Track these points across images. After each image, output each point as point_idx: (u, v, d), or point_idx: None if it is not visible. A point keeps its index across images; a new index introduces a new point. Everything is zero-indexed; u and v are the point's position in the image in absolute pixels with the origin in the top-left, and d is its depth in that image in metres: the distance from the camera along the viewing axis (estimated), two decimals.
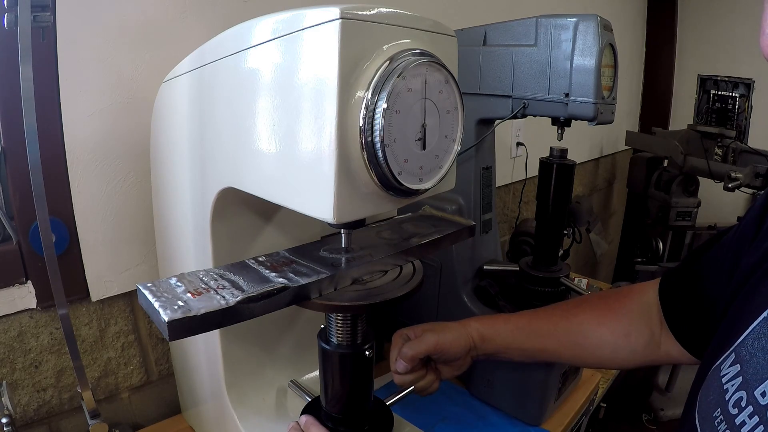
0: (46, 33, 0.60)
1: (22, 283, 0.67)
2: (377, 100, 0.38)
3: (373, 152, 0.39)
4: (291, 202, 0.43)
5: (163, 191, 0.66)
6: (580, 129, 0.80)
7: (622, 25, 2.14)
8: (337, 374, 0.55)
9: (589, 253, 2.00)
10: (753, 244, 0.49)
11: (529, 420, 0.81)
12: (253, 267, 0.47)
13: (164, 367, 0.86)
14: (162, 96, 0.63)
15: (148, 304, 0.39)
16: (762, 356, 0.41)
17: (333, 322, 0.54)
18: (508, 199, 1.59)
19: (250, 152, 0.46)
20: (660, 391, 1.97)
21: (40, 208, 0.55)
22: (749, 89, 2.16)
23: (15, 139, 0.63)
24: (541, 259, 0.84)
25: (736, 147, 1.85)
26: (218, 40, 0.50)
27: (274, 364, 0.70)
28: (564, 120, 0.73)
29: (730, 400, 0.42)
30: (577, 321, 0.67)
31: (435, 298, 0.90)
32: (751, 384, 0.41)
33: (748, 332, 0.43)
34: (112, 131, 0.71)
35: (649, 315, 0.64)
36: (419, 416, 0.79)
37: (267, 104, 0.43)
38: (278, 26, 0.41)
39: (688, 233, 2.06)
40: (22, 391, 0.70)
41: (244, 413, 0.63)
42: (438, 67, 0.42)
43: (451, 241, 0.60)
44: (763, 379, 0.40)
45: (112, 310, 0.78)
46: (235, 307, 0.40)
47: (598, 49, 0.66)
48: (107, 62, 0.69)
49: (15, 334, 0.68)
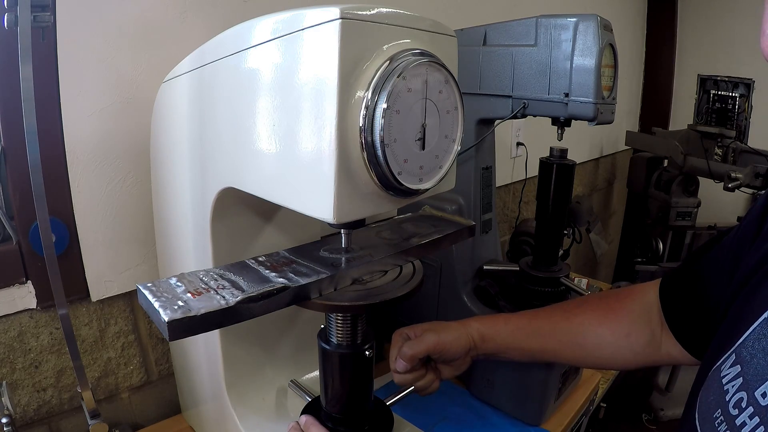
0: (46, 33, 0.60)
1: (22, 283, 0.67)
2: (377, 100, 0.38)
3: (373, 152, 0.39)
4: (291, 202, 0.43)
5: (163, 191, 0.66)
6: (580, 129, 0.80)
7: (622, 25, 2.14)
8: (337, 374, 0.55)
9: (589, 253, 2.00)
10: (753, 245, 0.49)
11: (529, 420, 0.81)
12: (253, 267, 0.47)
13: (164, 367, 0.86)
14: (162, 96, 0.63)
15: (148, 304, 0.39)
16: (762, 357, 0.41)
17: (333, 322, 0.54)
18: (508, 199, 1.59)
19: (250, 152, 0.46)
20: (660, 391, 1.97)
21: (40, 208, 0.55)
22: (749, 89, 2.16)
23: (15, 139, 0.63)
24: (541, 259, 0.84)
25: (736, 147, 1.85)
26: (218, 40, 0.50)
27: (274, 364, 0.70)
28: (564, 120, 0.73)
29: (730, 400, 0.42)
30: (578, 321, 0.67)
31: (435, 298, 0.90)
32: (752, 385, 0.40)
33: (748, 333, 0.43)
34: (112, 131, 0.71)
35: (649, 315, 0.64)
36: (419, 416, 0.79)
37: (267, 104, 0.43)
38: (278, 26, 0.41)
39: (688, 233, 2.05)
40: (22, 391, 0.70)
41: (244, 413, 0.63)
42: (438, 67, 0.42)
43: (451, 241, 0.60)
44: (764, 379, 0.40)
45: (112, 310, 0.78)
46: (235, 307, 0.40)
47: (598, 49, 0.66)
48: (107, 62, 0.69)
49: (15, 334, 0.68)
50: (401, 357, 0.62)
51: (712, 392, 0.45)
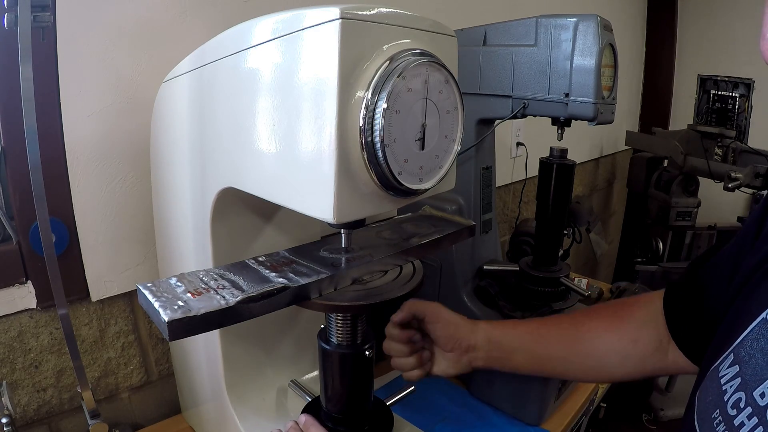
0: (46, 33, 0.60)
1: (22, 283, 0.67)
2: (377, 100, 0.38)
3: (373, 152, 0.39)
4: (291, 202, 0.43)
5: (163, 191, 0.66)
6: (580, 129, 0.80)
7: (622, 25, 2.14)
8: (337, 374, 0.55)
9: (589, 253, 2.00)
10: (754, 245, 0.49)
11: (529, 420, 0.81)
12: (253, 267, 0.47)
13: (164, 367, 0.86)
14: (162, 96, 0.63)
15: (148, 304, 0.39)
16: (761, 357, 0.40)
17: (333, 322, 0.54)
18: (508, 199, 1.59)
19: (250, 152, 0.46)
20: (660, 391, 1.97)
21: (40, 208, 0.55)
22: (749, 89, 2.16)
23: (15, 139, 0.63)
24: (541, 259, 0.84)
25: (736, 147, 1.85)
26: (218, 40, 0.50)
27: (274, 364, 0.70)
28: (564, 120, 0.73)
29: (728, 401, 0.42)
30: (585, 329, 0.66)
31: (435, 298, 0.90)
32: (750, 385, 0.40)
33: (746, 333, 0.43)
34: (112, 131, 0.71)
35: (656, 322, 0.63)
36: (419, 416, 0.79)
37: (267, 104, 0.43)
38: (278, 26, 0.41)
39: (688, 233, 2.05)
40: (22, 391, 0.70)
41: (244, 413, 0.63)
42: (438, 67, 0.42)
43: (451, 241, 0.60)
44: (762, 380, 0.39)
45: (112, 310, 0.78)
46: (235, 307, 0.40)
47: (598, 49, 0.66)
48: (107, 62, 0.69)
49: (15, 334, 0.68)
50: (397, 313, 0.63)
51: (711, 392, 0.44)
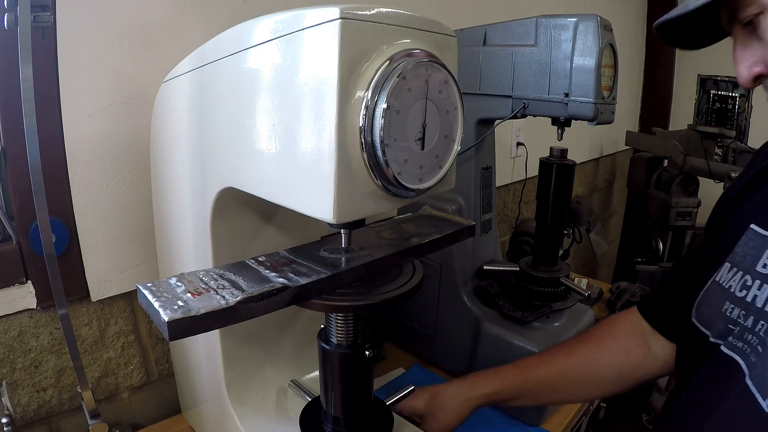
0: (46, 33, 0.60)
1: (22, 283, 0.67)
2: (377, 100, 0.38)
3: (373, 152, 0.39)
4: (291, 202, 0.43)
5: (163, 191, 0.66)
6: (580, 129, 0.80)
7: (622, 25, 2.14)
8: (337, 374, 0.55)
9: (589, 253, 2.00)
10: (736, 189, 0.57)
11: (529, 420, 0.81)
12: (253, 267, 0.47)
13: (164, 367, 0.86)
14: (162, 96, 0.63)
15: (148, 304, 0.39)
16: (753, 249, 0.47)
17: (333, 322, 0.54)
18: (508, 199, 1.59)
19: (250, 152, 0.46)
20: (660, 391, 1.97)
21: (40, 208, 0.55)
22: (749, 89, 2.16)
23: (15, 139, 0.63)
24: (541, 259, 0.84)
25: (736, 147, 1.85)
26: (218, 40, 0.50)
27: (274, 364, 0.70)
28: (564, 120, 0.73)
29: (735, 289, 0.47)
30: (580, 354, 0.69)
31: (435, 298, 0.90)
32: (751, 265, 0.46)
33: (737, 246, 0.49)
34: (112, 131, 0.71)
35: (641, 330, 0.67)
36: None
37: (267, 104, 0.43)
38: (278, 26, 0.41)
39: (688, 233, 2.05)
40: (22, 391, 0.70)
41: (244, 413, 0.63)
42: (438, 67, 0.42)
43: (451, 241, 0.60)
44: (760, 256, 0.45)
45: (112, 310, 0.78)
46: (235, 307, 0.40)
47: (598, 49, 0.66)
48: (107, 62, 0.69)
49: (15, 334, 0.68)
50: None
51: (714, 295, 0.50)
